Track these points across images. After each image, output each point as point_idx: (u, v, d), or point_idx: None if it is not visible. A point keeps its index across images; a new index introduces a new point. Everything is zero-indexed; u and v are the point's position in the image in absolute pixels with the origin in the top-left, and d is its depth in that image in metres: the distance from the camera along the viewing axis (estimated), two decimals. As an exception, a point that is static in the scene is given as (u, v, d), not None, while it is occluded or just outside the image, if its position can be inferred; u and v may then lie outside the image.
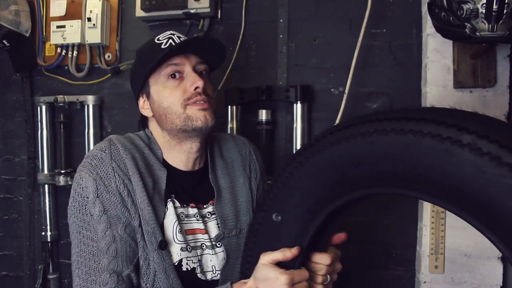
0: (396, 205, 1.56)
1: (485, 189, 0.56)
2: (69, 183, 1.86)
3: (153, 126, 1.06)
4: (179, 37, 1.00)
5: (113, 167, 0.92)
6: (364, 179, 0.71)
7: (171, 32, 1.02)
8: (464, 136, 0.57)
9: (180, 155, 1.03)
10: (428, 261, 1.39)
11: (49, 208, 1.93)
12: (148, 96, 1.03)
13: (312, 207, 0.79)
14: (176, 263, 0.94)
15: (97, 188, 0.90)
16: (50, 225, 1.93)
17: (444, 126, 0.59)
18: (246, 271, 0.90)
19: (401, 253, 1.58)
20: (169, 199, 0.98)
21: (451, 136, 0.58)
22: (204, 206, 1.05)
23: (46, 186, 1.92)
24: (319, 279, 0.85)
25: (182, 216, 0.99)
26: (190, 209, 1.01)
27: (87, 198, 0.90)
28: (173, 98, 0.97)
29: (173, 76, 0.98)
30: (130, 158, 0.94)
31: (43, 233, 1.93)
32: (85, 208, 0.90)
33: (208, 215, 1.04)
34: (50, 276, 1.93)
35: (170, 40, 0.98)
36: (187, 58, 0.99)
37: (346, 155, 0.71)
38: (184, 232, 0.98)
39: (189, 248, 0.97)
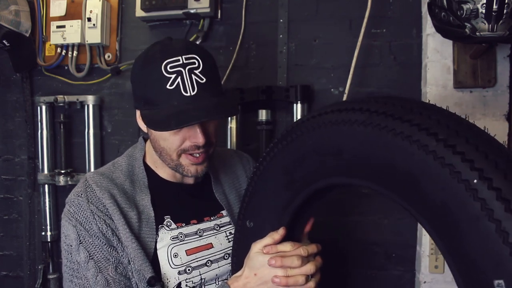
0: (396, 205, 1.56)
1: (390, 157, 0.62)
2: (69, 183, 1.87)
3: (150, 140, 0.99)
4: (190, 77, 0.84)
5: (91, 210, 0.88)
6: (310, 174, 0.75)
7: (182, 61, 0.85)
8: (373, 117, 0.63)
9: (174, 171, 0.98)
10: (428, 261, 1.38)
11: (49, 208, 1.93)
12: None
13: (276, 209, 0.84)
14: None
15: (79, 235, 0.88)
16: (50, 225, 1.93)
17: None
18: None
19: (401, 253, 1.58)
20: (161, 225, 0.95)
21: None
22: (212, 218, 1.03)
23: (46, 186, 1.92)
24: None
25: (181, 237, 0.96)
26: (190, 227, 0.98)
27: (71, 246, 0.88)
28: (170, 144, 0.90)
29: None
30: (107, 196, 0.90)
31: (43, 233, 1.93)
32: (71, 256, 0.88)
33: (217, 227, 1.03)
34: (50, 276, 1.93)
35: (179, 80, 0.84)
36: None
37: (290, 157, 0.78)
38: (185, 252, 0.95)
39: (189, 270, 0.95)
